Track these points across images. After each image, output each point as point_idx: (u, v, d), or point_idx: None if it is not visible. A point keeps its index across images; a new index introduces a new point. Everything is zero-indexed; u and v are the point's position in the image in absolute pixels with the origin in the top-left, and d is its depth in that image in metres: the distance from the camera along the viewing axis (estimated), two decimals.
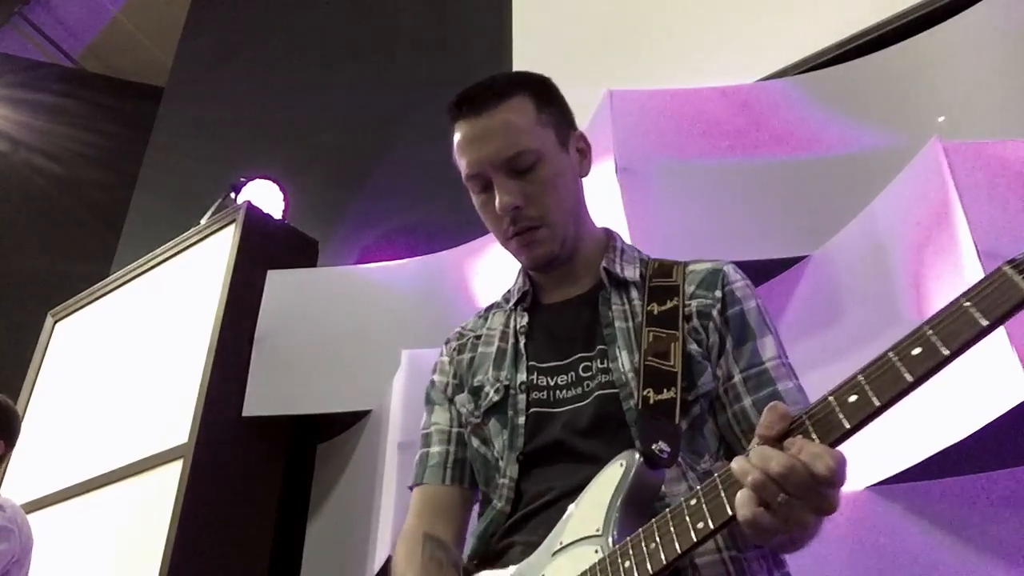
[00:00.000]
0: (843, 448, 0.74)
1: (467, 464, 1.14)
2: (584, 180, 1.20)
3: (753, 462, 0.73)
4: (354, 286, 3.05)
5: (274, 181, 3.59)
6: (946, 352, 0.65)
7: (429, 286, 2.86)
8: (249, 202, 3.37)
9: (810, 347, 1.86)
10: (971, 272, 1.51)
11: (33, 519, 2.46)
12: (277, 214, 3.51)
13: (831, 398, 0.72)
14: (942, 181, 1.63)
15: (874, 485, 1.64)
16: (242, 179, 3.56)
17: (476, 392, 1.13)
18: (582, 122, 2.44)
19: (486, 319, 1.24)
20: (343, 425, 2.98)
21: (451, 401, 1.18)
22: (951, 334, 0.65)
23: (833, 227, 1.98)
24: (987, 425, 1.43)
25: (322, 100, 4.33)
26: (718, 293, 1.08)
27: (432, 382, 1.23)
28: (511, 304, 1.20)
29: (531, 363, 1.10)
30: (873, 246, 1.85)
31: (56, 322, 3.87)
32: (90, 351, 3.56)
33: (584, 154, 1.19)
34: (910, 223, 1.75)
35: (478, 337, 1.21)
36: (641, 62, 2.88)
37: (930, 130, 1.92)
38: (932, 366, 0.66)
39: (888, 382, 0.68)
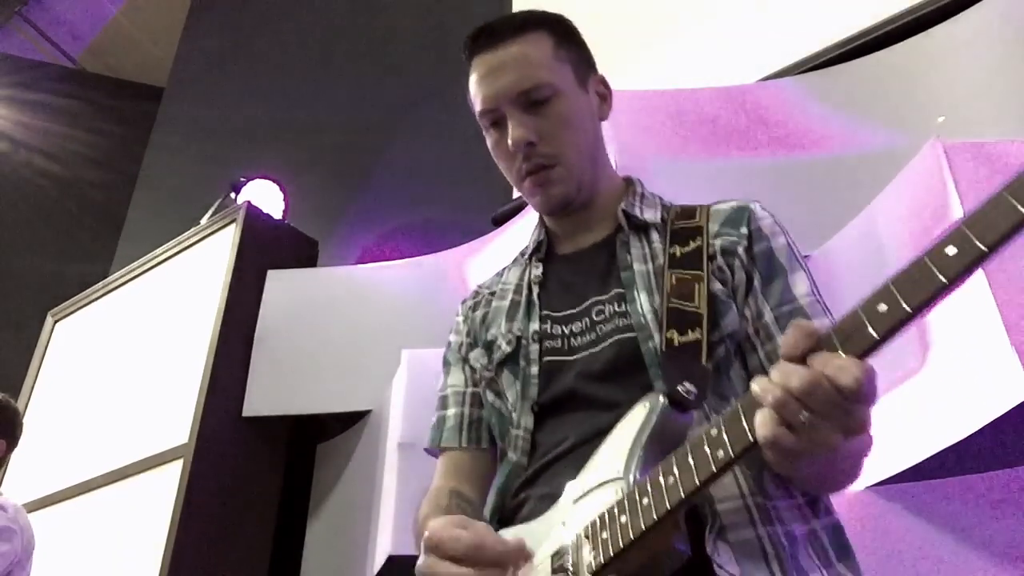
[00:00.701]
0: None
1: (484, 423, 1.11)
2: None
3: (774, 380, 0.68)
4: (354, 286, 3.05)
5: (274, 181, 3.59)
6: (983, 248, 0.58)
7: (429, 286, 2.86)
8: (249, 202, 3.37)
9: None
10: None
11: (33, 519, 2.46)
12: (277, 214, 3.51)
13: (859, 310, 0.66)
14: (942, 181, 1.63)
15: (874, 485, 1.64)
16: (242, 179, 3.56)
17: (489, 346, 1.10)
18: None
19: (501, 275, 1.21)
20: (343, 425, 2.98)
21: (465, 361, 1.16)
22: (988, 227, 0.59)
23: (833, 227, 1.98)
24: (987, 425, 1.43)
25: (322, 100, 4.33)
26: (744, 230, 1.03)
27: (448, 343, 1.20)
28: (527, 256, 1.16)
29: (544, 312, 1.06)
30: (873, 246, 1.85)
31: (56, 322, 3.87)
32: (90, 351, 3.56)
33: (604, 98, 1.15)
34: (910, 223, 1.75)
35: (492, 293, 1.18)
36: (641, 62, 2.88)
37: (930, 130, 1.92)
38: (968, 263, 0.59)
39: (921, 286, 0.62)
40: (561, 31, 1.12)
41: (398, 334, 2.74)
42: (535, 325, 1.06)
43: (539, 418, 1.01)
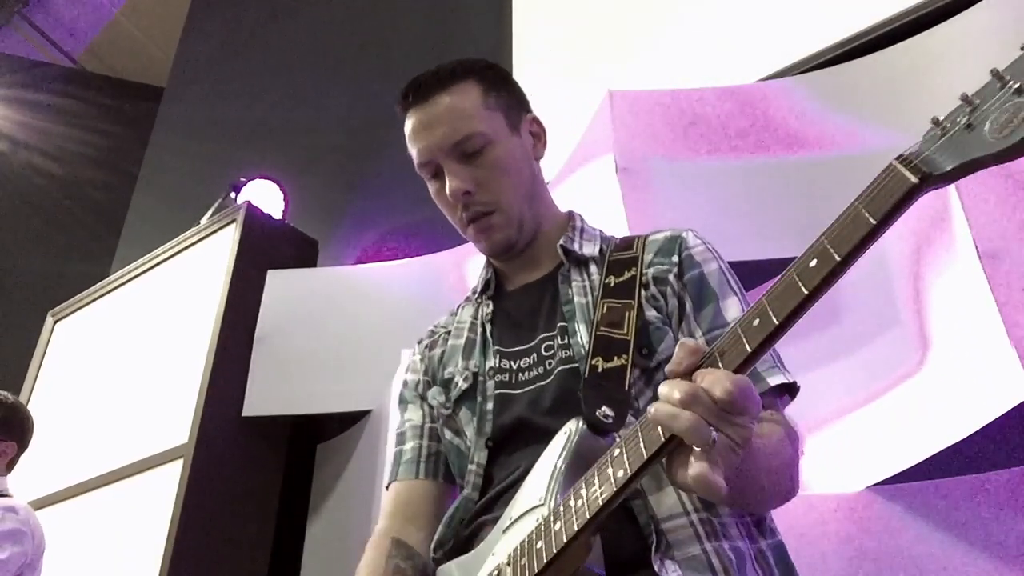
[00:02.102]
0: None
1: (441, 457, 1.13)
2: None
3: (661, 394, 0.71)
4: (354, 286, 3.05)
5: (274, 181, 3.60)
6: (838, 258, 0.65)
7: (429, 286, 2.86)
8: (249, 202, 3.37)
9: (809, 347, 1.86)
10: (970, 272, 1.51)
11: None
12: (277, 214, 3.51)
13: (737, 326, 0.71)
14: None
15: (874, 485, 1.64)
16: (242, 179, 3.56)
17: (447, 383, 1.13)
18: (582, 122, 2.45)
19: (455, 314, 1.23)
20: (343, 425, 2.98)
21: (422, 398, 1.18)
22: (843, 239, 0.65)
23: None
24: (987, 425, 1.43)
25: (322, 100, 4.33)
26: (675, 258, 1.06)
27: (405, 382, 1.23)
28: (477, 295, 1.19)
29: (496, 347, 1.09)
30: (872, 246, 1.85)
31: (56, 322, 3.87)
32: (90, 351, 3.56)
33: (538, 137, 1.18)
34: (910, 223, 1.75)
35: (448, 332, 1.20)
36: (641, 62, 2.88)
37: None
38: (826, 274, 0.65)
39: (787, 298, 0.67)
40: (490, 78, 1.14)
41: (398, 334, 2.74)
42: (491, 362, 1.09)
43: (492, 453, 1.04)
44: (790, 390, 0.99)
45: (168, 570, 2.54)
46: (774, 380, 0.96)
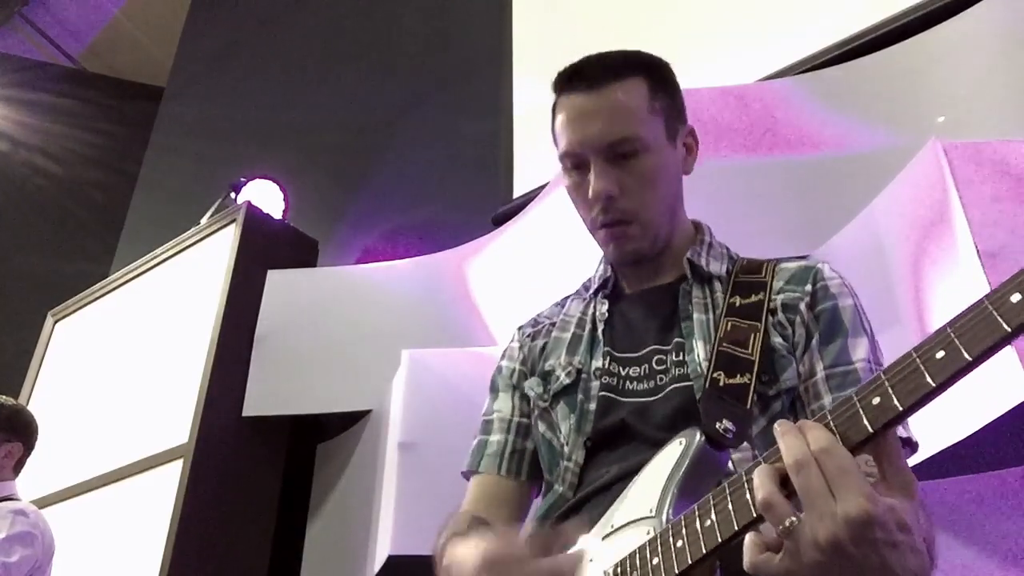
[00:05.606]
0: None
1: (526, 455, 1.10)
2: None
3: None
4: (354, 286, 3.05)
5: (274, 181, 3.59)
6: (968, 358, 0.60)
7: (429, 286, 2.86)
8: (249, 202, 3.37)
9: None
10: (970, 272, 1.51)
11: None
12: (277, 214, 3.51)
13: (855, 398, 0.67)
14: (942, 181, 1.63)
15: None
16: (242, 179, 3.56)
17: (546, 376, 1.09)
18: None
19: (563, 306, 1.20)
20: (343, 425, 2.97)
21: (515, 388, 1.14)
22: (975, 339, 0.60)
23: (833, 227, 1.98)
24: (987, 425, 1.43)
25: (322, 100, 4.33)
26: (808, 287, 1.02)
27: (499, 368, 1.19)
28: (591, 292, 1.16)
29: (607, 349, 1.06)
30: (873, 246, 1.85)
31: (56, 322, 3.87)
32: (90, 351, 3.56)
33: (691, 150, 1.14)
34: (910, 223, 1.75)
35: (553, 324, 1.17)
36: None
37: (930, 130, 1.92)
38: (954, 371, 0.61)
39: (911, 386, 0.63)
40: (659, 78, 1.09)
41: (398, 334, 2.74)
42: (598, 362, 1.05)
43: (590, 453, 1.00)
44: (909, 446, 0.95)
45: (168, 570, 2.54)
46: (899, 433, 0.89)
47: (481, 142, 3.34)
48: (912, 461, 1.57)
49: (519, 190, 3.00)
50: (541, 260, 2.44)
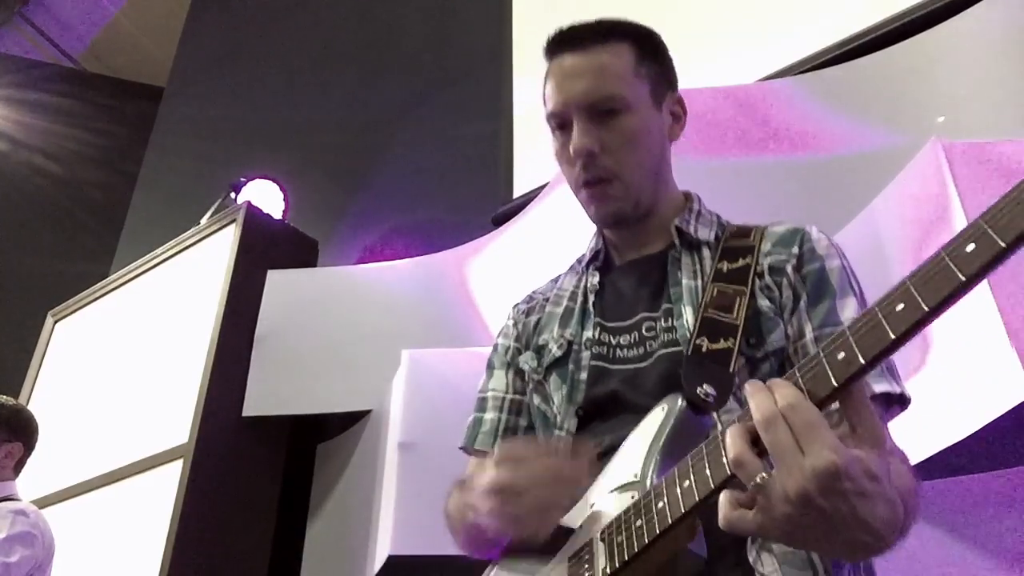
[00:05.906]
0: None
1: (519, 432, 1.12)
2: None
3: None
4: (354, 286, 3.05)
5: (274, 181, 3.60)
6: (926, 308, 0.61)
7: (429, 286, 2.86)
8: (249, 202, 3.37)
9: None
10: None
11: None
12: (277, 214, 3.51)
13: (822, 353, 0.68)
14: (942, 181, 1.63)
15: None
16: (242, 179, 3.56)
17: (540, 350, 1.11)
18: None
19: (557, 281, 1.22)
20: (343, 425, 2.97)
21: (510, 365, 1.16)
22: (933, 290, 0.61)
23: (833, 227, 1.98)
24: (987, 425, 1.43)
25: (322, 100, 4.33)
26: (795, 249, 1.03)
27: (495, 346, 1.21)
28: (584, 264, 1.17)
29: (597, 319, 1.07)
30: (873, 246, 1.85)
31: (56, 322, 3.87)
32: (90, 351, 3.56)
33: (678, 118, 1.15)
34: (910, 223, 1.75)
35: (547, 299, 1.19)
36: None
37: (930, 130, 1.92)
38: (914, 321, 0.61)
39: (874, 338, 0.63)
40: (648, 46, 1.11)
41: (398, 334, 2.74)
42: (589, 332, 1.07)
43: (583, 422, 1.02)
44: (900, 402, 0.95)
45: (168, 570, 2.54)
46: (879, 387, 0.92)
47: (481, 142, 3.34)
48: (912, 461, 1.57)
49: (519, 190, 3.00)
50: (541, 260, 2.44)
